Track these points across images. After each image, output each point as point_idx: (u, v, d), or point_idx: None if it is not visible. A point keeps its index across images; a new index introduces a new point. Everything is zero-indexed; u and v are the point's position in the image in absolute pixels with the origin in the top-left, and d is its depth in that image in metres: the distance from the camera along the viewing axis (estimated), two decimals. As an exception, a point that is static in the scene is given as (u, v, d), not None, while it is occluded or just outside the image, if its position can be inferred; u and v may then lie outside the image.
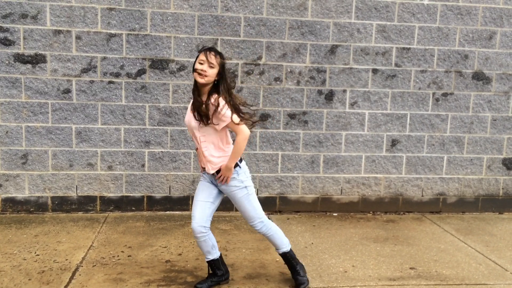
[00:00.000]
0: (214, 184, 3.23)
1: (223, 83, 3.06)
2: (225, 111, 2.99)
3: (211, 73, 2.99)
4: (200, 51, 3.05)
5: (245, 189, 3.18)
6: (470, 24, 5.19)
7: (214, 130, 3.06)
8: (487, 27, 5.23)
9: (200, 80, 2.98)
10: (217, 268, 3.33)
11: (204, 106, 2.99)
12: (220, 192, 3.27)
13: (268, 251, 4.03)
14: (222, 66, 3.04)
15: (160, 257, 3.82)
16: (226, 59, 4.88)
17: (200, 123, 3.05)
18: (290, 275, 3.52)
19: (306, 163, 5.17)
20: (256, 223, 3.25)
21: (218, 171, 3.13)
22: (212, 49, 3.04)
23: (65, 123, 4.78)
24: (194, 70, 3.02)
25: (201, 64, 2.98)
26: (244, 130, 3.05)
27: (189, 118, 3.12)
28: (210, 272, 3.37)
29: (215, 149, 3.12)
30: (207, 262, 3.31)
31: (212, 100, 2.98)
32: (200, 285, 3.29)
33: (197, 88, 3.08)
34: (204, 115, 3.00)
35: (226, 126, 3.06)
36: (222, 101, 3.00)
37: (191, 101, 3.14)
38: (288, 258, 3.35)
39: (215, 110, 2.98)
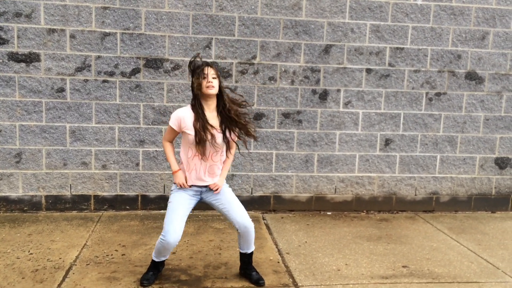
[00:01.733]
0: (197, 197, 3.31)
1: (223, 95, 3.23)
2: None
3: (216, 84, 3.16)
4: (198, 68, 3.15)
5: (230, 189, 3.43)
6: (463, 24, 5.23)
7: (225, 142, 3.25)
8: (480, 27, 5.26)
9: (211, 91, 3.13)
10: (161, 264, 3.42)
11: (237, 117, 3.20)
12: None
13: (262, 250, 4.04)
14: (219, 77, 3.21)
15: (154, 256, 3.83)
16: (221, 58, 4.91)
17: (223, 138, 3.22)
18: (283, 272, 3.54)
19: (300, 162, 5.19)
20: (250, 220, 3.35)
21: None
22: (207, 63, 3.18)
23: (59, 122, 4.78)
24: (198, 86, 3.12)
25: (205, 78, 3.12)
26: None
27: (206, 135, 3.15)
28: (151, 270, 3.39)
29: (221, 162, 3.32)
30: (158, 262, 3.36)
31: (224, 109, 3.20)
32: (146, 281, 3.30)
33: (204, 103, 3.20)
34: (239, 127, 3.25)
35: None
36: None
37: (186, 117, 3.19)
38: (251, 256, 3.46)
39: (236, 115, 3.24)
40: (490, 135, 5.46)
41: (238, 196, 5.07)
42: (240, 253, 3.45)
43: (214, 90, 3.14)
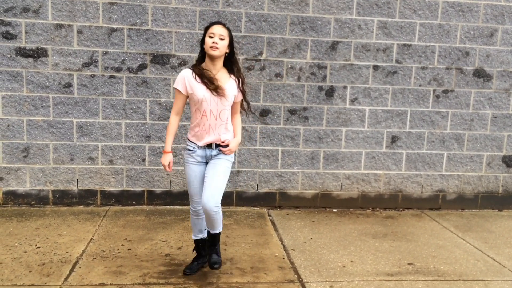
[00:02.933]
0: (205, 162, 3.26)
1: (231, 56, 3.19)
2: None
3: (222, 45, 3.06)
4: (207, 26, 3.13)
5: (230, 163, 3.31)
6: (472, 21, 5.19)
7: (230, 103, 3.21)
8: (488, 24, 5.22)
9: (213, 52, 3.04)
10: (203, 248, 3.45)
11: (237, 79, 3.21)
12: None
13: (267, 246, 4.05)
14: (231, 38, 3.14)
15: (160, 251, 3.85)
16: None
17: (221, 98, 3.13)
18: (288, 269, 3.55)
19: (306, 159, 5.19)
20: (218, 200, 3.13)
21: (218, 145, 3.24)
22: (219, 22, 3.15)
23: (66, 117, 4.80)
24: (203, 44, 3.12)
25: (211, 37, 3.04)
26: None
27: (206, 91, 3.10)
28: (195, 254, 3.50)
29: (228, 123, 3.25)
30: (196, 240, 3.43)
31: (238, 72, 3.23)
32: (188, 270, 3.40)
33: (210, 62, 3.14)
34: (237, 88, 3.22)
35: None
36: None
37: (193, 74, 3.14)
38: (218, 237, 3.34)
39: (242, 82, 3.25)
40: (498, 133, 5.43)
41: (244, 192, 5.10)
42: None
43: (217, 52, 3.05)
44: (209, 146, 3.22)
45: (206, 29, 3.12)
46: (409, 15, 5.09)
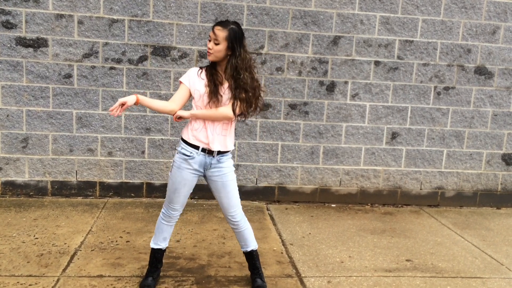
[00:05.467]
0: (202, 172, 2.97)
1: (234, 58, 2.85)
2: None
3: (216, 49, 2.81)
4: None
5: (234, 172, 3.07)
6: (474, 18, 5.17)
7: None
8: (491, 22, 5.20)
9: (209, 57, 2.87)
10: (160, 261, 3.18)
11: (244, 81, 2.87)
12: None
13: (266, 240, 4.05)
14: (229, 40, 2.81)
15: (158, 243, 3.84)
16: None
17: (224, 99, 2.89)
18: (287, 263, 3.54)
19: (305, 154, 5.18)
20: (239, 212, 3.06)
21: (220, 152, 2.95)
22: (219, 23, 2.85)
23: (66, 108, 4.78)
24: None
25: (209, 41, 2.85)
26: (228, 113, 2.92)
27: (204, 88, 2.89)
28: (150, 267, 3.16)
29: (227, 125, 2.97)
30: (156, 250, 3.12)
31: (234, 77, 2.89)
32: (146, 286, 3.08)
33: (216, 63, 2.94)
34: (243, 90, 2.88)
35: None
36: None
37: (195, 73, 2.95)
38: (255, 256, 3.18)
39: (243, 89, 2.90)
40: (498, 131, 5.42)
41: (242, 187, 5.10)
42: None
43: (211, 57, 2.84)
44: (210, 152, 2.93)
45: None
46: (411, 11, 5.07)
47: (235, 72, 2.86)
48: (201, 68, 2.98)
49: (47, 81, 4.71)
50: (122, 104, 2.83)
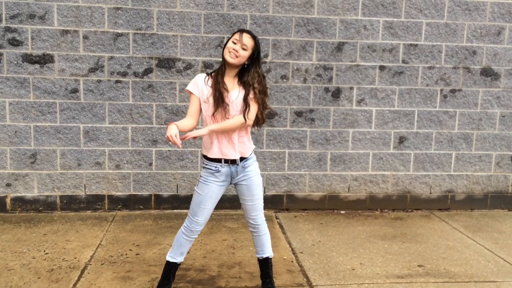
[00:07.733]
0: (229, 181, 2.99)
1: (254, 67, 2.90)
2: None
3: (243, 55, 2.83)
4: (235, 32, 2.92)
5: (260, 175, 3.08)
6: (478, 20, 5.15)
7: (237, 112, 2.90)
8: (495, 23, 5.18)
9: (230, 59, 2.82)
10: (174, 275, 3.12)
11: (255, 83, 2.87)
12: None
13: (276, 249, 4.03)
14: (256, 51, 2.89)
15: (168, 255, 3.83)
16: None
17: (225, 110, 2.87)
18: (297, 272, 3.52)
19: (313, 161, 5.17)
20: (261, 215, 3.10)
21: (243, 158, 2.96)
22: (247, 31, 2.90)
23: (73, 122, 4.81)
24: (225, 48, 2.86)
25: (234, 43, 2.84)
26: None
27: (212, 96, 2.86)
28: (163, 279, 3.11)
29: (243, 132, 2.97)
30: (171, 263, 3.07)
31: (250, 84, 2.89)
32: None
33: (226, 69, 2.90)
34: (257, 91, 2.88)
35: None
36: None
37: (202, 80, 2.92)
38: (269, 264, 3.17)
39: (257, 94, 2.89)
40: (507, 132, 5.38)
41: (251, 195, 5.07)
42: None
43: (234, 61, 2.82)
44: (233, 162, 2.93)
45: (232, 35, 2.90)
46: (415, 15, 5.06)
47: (251, 81, 2.88)
48: (207, 74, 2.97)
49: (54, 96, 4.75)
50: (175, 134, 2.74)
